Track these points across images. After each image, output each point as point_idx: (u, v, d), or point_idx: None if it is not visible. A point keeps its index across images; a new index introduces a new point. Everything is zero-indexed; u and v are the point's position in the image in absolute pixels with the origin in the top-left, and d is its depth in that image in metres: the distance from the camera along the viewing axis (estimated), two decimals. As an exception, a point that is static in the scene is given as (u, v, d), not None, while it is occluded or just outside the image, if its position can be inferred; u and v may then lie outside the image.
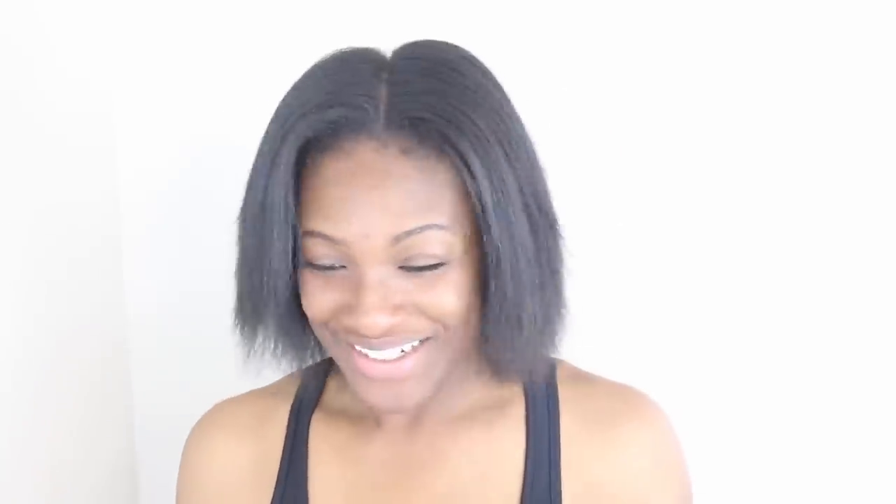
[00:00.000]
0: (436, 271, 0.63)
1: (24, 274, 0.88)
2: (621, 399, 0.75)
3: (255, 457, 0.76)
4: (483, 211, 0.62)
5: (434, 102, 0.62)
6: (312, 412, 0.76)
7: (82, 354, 1.00)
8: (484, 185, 0.61)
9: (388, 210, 0.61)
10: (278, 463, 0.75)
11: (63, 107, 0.95)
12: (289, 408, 0.77)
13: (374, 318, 0.62)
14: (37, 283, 0.90)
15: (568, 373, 0.76)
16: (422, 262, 0.62)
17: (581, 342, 0.75)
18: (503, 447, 0.73)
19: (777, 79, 0.97)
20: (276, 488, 0.74)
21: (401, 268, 0.63)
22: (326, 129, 0.62)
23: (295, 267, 0.66)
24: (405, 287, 0.63)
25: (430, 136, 0.61)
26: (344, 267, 0.64)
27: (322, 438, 0.75)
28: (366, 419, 0.75)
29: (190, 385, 1.03)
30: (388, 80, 0.63)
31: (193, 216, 1.06)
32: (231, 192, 0.70)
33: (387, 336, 0.64)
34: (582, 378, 0.76)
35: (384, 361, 0.65)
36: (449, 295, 0.63)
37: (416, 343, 0.65)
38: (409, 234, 0.61)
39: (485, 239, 0.63)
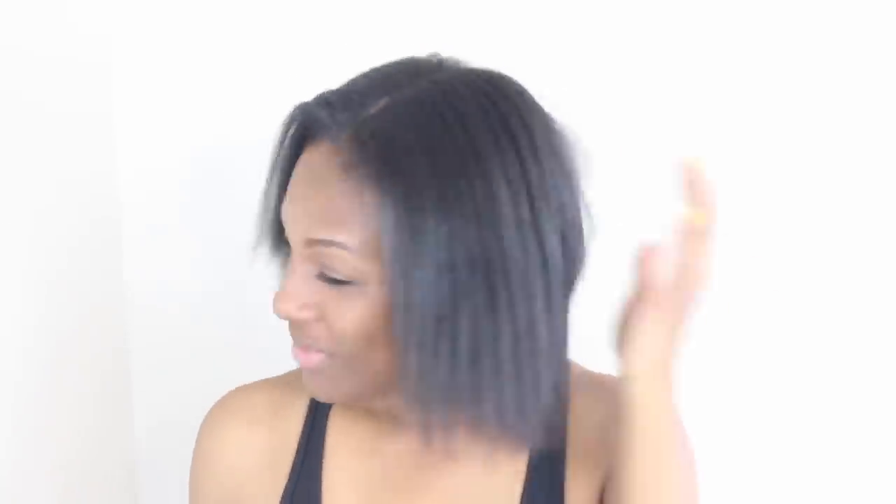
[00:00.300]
0: (346, 288, 0.63)
1: (24, 274, 0.88)
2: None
3: (268, 445, 0.76)
4: (385, 254, 0.61)
5: (393, 134, 0.61)
6: (332, 405, 0.76)
7: (82, 355, 1.00)
8: (389, 228, 0.60)
9: (306, 213, 0.64)
10: (293, 453, 0.75)
11: (63, 106, 0.96)
12: (307, 399, 0.77)
13: (280, 304, 0.65)
14: (37, 283, 0.90)
15: (573, 371, 0.76)
16: (329, 274, 0.64)
17: (581, 343, 0.75)
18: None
19: (774, 80, 0.98)
20: (289, 478, 0.74)
21: (320, 272, 0.64)
22: (311, 122, 0.65)
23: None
24: (321, 292, 0.64)
25: (364, 163, 0.62)
26: None
27: (340, 432, 0.75)
28: (385, 415, 0.74)
29: (190, 385, 1.03)
30: (393, 97, 0.63)
31: (193, 216, 1.05)
32: (231, 191, 0.70)
33: (295, 327, 0.66)
34: (587, 376, 0.76)
35: (301, 349, 0.67)
36: (349, 315, 0.64)
37: (318, 354, 0.67)
38: (316, 242, 0.63)
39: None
